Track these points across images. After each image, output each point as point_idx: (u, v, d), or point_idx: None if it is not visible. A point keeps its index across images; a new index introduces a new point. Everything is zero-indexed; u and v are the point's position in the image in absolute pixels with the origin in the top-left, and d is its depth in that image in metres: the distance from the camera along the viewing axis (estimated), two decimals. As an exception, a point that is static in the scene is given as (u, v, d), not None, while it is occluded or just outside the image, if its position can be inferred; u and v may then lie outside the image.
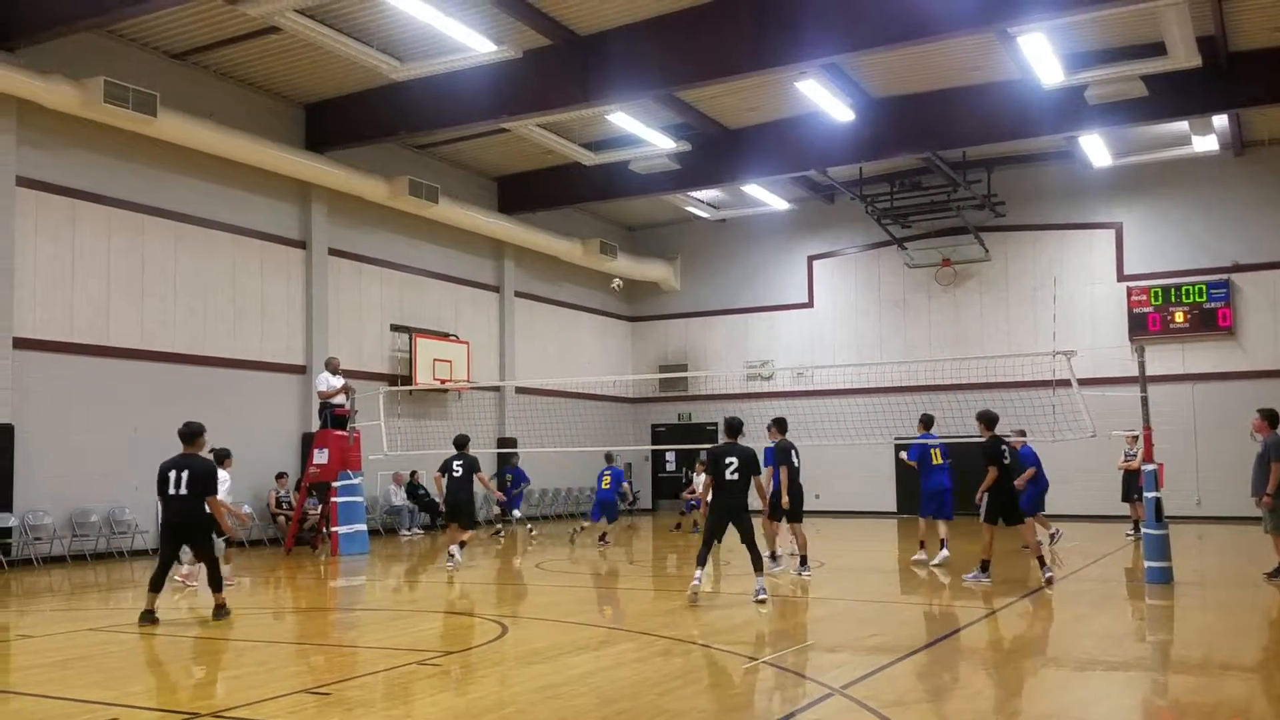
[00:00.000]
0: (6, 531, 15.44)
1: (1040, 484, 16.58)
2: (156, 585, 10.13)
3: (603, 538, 18.34)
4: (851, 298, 27.69)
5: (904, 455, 15.77)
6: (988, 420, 12.94)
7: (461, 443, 15.31)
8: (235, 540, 13.76)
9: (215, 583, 10.47)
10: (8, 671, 8.41)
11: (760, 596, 10.78)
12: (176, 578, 12.16)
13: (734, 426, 11.31)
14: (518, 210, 25.28)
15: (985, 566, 12.54)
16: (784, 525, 13.86)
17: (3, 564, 15.25)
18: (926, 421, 15.38)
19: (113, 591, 13.53)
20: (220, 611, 10.32)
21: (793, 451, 13.61)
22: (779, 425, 13.69)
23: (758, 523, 11.92)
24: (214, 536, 10.62)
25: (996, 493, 12.63)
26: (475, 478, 14.99)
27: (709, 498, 12.02)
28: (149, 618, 9.93)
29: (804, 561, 13.39)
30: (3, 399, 15.56)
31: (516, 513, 21.50)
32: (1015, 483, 16.55)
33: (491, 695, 7.06)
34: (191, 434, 10.40)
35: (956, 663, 8.26)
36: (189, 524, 10.17)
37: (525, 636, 9.29)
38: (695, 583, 10.90)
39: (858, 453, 24.67)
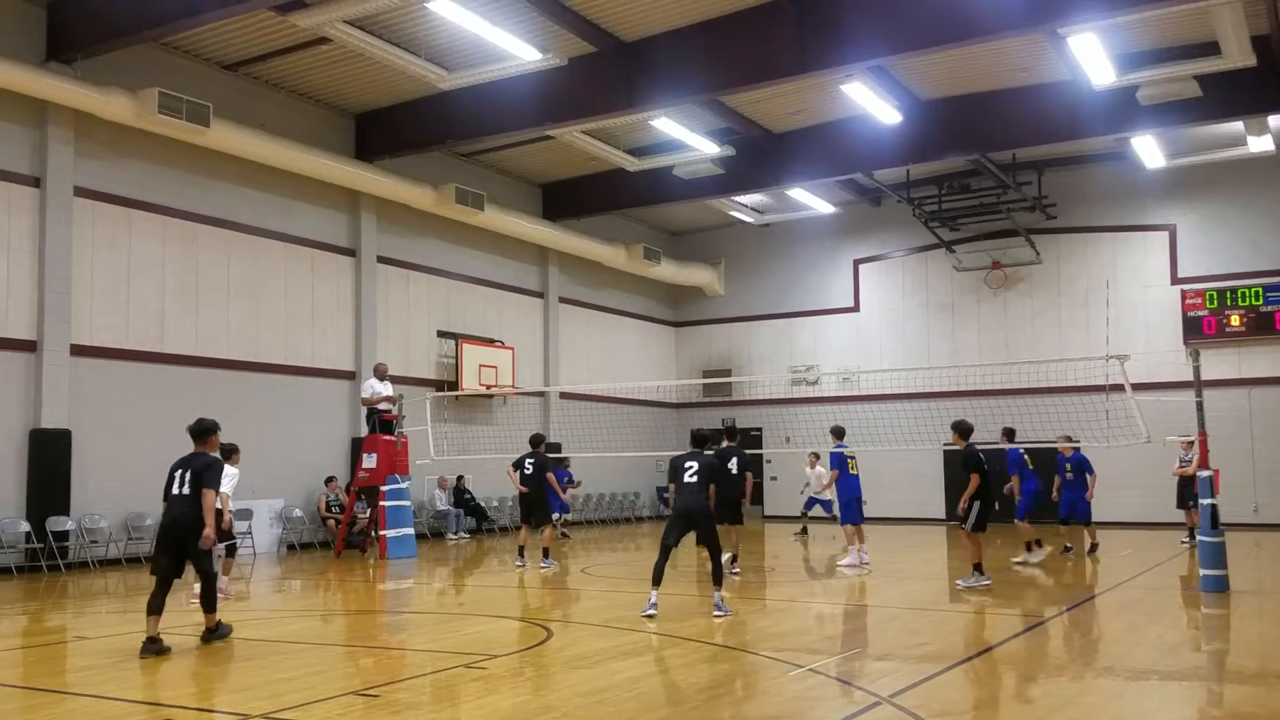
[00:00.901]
0: (64, 535, 15.76)
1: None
2: (156, 607, 8.67)
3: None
4: (898, 301, 27.47)
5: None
6: (962, 430, 12.98)
7: (535, 441, 16.02)
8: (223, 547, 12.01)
9: (208, 601, 9.01)
10: (65, 672, 8.58)
11: (717, 613, 10.32)
12: (192, 600, 10.92)
13: (699, 438, 11.14)
14: (562, 216, 25.40)
15: (979, 568, 12.73)
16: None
17: (60, 566, 15.58)
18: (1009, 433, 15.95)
19: (167, 594, 13.73)
20: (212, 634, 8.98)
21: (731, 461, 14.74)
22: (723, 436, 14.82)
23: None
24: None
25: (985, 500, 12.70)
26: (546, 477, 15.73)
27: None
28: (152, 646, 8.49)
29: (734, 560, 14.41)
30: (60, 405, 15.91)
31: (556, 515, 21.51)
32: (1087, 494, 16.40)
33: (537, 700, 7.08)
34: (202, 431, 9.16)
35: (1007, 672, 8.15)
36: (186, 527, 8.74)
37: (570, 641, 9.31)
38: (651, 609, 10.26)
39: (905, 459, 24.46)
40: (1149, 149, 21.93)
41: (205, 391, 17.68)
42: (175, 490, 8.92)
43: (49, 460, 15.72)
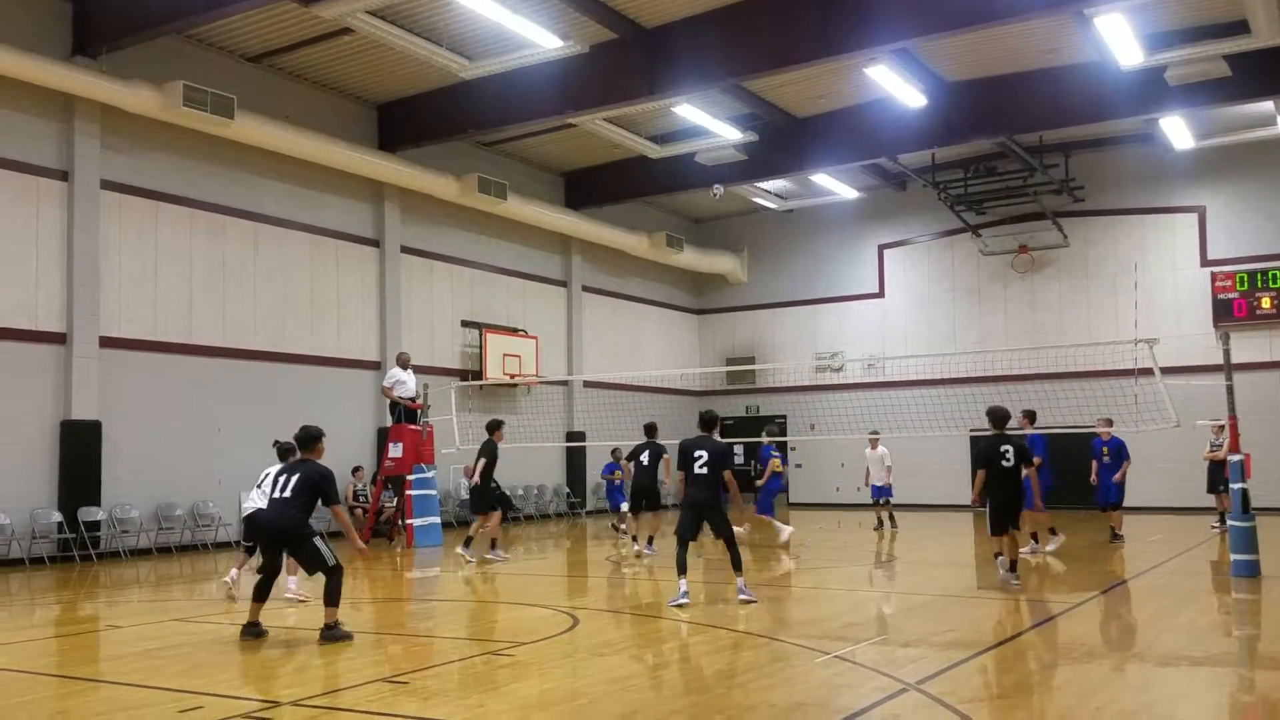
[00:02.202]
0: (95, 525, 15.94)
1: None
2: (262, 594, 8.98)
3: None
4: (924, 287, 27.30)
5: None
6: (992, 418, 11.85)
7: (490, 428, 15.84)
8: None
9: (332, 595, 8.70)
10: (97, 661, 8.69)
11: (743, 596, 10.32)
12: (288, 594, 10.98)
13: (707, 421, 10.99)
14: (584, 205, 25.38)
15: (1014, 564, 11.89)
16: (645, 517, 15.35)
17: (91, 556, 15.76)
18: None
19: (197, 583, 13.89)
20: (330, 632, 8.62)
21: (645, 452, 14.62)
22: (647, 430, 14.99)
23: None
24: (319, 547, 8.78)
25: (992, 498, 11.81)
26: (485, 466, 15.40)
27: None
28: (253, 630, 8.81)
29: (650, 542, 15.38)
30: (91, 396, 16.07)
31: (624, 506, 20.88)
32: (1115, 477, 16.05)
33: (564, 686, 7.10)
34: (309, 439, 9.13)
35: (1035, 659, 8.10)
36: (286, 532, 8.81)
37: (596, 628, 9.34)
38: (683, 598, 10.16)
39: (932, 445, 24.33)
40: (1177, 130, 21.66)
41: (233, 382, 17.84)
42: (276, 493, 8.98)
43: (79, 451, 15.90)
